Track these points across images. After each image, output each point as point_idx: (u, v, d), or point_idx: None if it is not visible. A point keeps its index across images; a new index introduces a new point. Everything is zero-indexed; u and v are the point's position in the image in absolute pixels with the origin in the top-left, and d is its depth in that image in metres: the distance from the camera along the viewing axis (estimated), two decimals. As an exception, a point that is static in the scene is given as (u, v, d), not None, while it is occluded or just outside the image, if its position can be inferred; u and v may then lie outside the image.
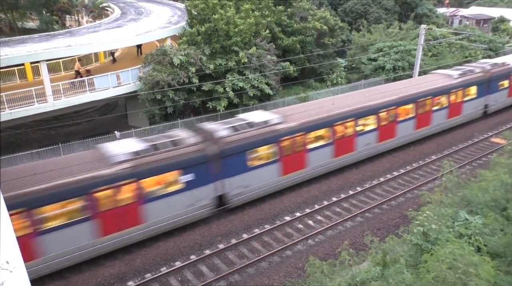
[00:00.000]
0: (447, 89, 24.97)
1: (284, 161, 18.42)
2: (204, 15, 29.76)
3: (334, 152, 20.34)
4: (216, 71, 28.01)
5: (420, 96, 23.67)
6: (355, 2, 51.21)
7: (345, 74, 37.94)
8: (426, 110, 24.22)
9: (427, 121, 24.66)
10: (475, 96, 26.83)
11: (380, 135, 22.19)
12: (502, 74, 28.51)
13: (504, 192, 11.94)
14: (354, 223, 17.16)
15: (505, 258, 9.06)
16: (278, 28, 35.10)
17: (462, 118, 26.77)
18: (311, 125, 19.03)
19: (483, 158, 22.64)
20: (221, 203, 17.21)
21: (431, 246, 9.34)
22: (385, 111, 22.12)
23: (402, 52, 36.26)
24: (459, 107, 26.16)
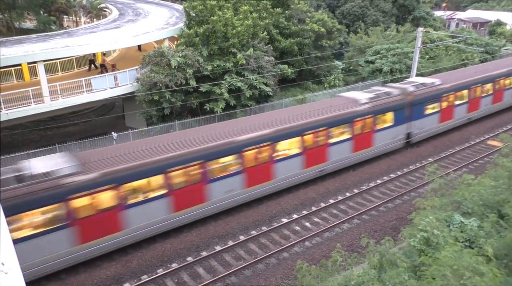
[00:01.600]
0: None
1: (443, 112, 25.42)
2: (202, 16, 29.78)
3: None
4: (214, 73, 28.01)
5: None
6: (352, 5, 51.36)
7: (342, 77, 38.01)
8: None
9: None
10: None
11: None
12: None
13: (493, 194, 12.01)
14: (351, 225, 17.19)
15: (501, 260, 9.10)
16: (276, 30, 35.14)
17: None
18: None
19: (480, 161, 22.73)
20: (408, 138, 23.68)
21: (433, 251, 9.36)
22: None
23: (399, 55, 36.37)
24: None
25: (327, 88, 35.29)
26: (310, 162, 19.69)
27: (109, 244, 14.80)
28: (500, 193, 12.35)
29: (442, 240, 9.58)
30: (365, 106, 21.43)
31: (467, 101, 27.38)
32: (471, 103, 27.67)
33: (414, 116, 24.02)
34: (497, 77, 29.36)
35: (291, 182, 19.41)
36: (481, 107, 28.73)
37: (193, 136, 16.88)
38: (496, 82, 29.09)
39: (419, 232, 9.80)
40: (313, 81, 36.68)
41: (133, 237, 15.35)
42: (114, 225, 14.76)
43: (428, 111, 24.88)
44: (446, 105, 25.92)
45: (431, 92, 24.70)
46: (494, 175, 13.96)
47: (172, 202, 15.90)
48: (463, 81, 26.80)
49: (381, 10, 51.49)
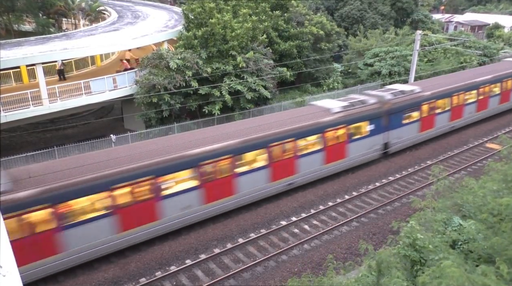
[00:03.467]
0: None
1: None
2: (201, 19, 29.84)
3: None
4: (213, 75, 28.04)
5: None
6: (351, 8, 51.51)
7: (341, 79, 38.10)
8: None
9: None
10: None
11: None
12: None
13: (493, 197, 12.02)
14: (349, 228, 17.17)
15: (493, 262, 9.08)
16: (275, 32, 35.23)
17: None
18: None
19: (478, 163, 22.76)
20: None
21: (420, 255, 9.40)
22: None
23: (398, 58, 36.48)
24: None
25: (326, 91, 35.37)
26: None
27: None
28: (501, 196, 12.37)
29: (429, 243, 9.61)
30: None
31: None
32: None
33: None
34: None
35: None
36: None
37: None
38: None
39: (402, 238, 9.85)
40: (312, 84, 36.75)
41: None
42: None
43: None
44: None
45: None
46: (496, 178, 13.97)
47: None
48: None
49: (379, 13, 51.65)
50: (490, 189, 12.88)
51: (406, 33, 44.17)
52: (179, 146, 16.13)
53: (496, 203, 11.32)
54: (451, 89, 26.04)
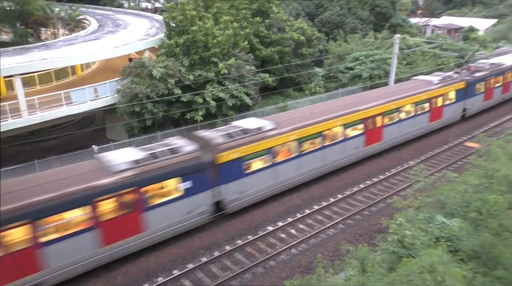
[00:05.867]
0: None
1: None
2: (182, 27, 29.84)
3: None
4: (196, 83, 28.01)
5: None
6: (331, 13, 52.30)
7: (323, 83, 38.51)
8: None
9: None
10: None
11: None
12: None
13: (474, 192, 12.31)
14: (336, 230, 17.29)
15: (481, 259, 9.30)
16: (256, 39, 35.47)
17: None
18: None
19: (459, 162, 23.26)
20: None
21: (407, 252, 9.54)
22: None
23: (378, 61, 37.13)
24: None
25: (308, 95, 35.68)
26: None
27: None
28: (480, 192, 12.67)
29: (416, 240, 9.77)
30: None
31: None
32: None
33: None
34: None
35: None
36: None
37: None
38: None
39: (391, 235, 9.99)
40: (294, 89, 37.05)
41: None
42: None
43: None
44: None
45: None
46: (476, 174, 14.30)
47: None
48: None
49: (359, 18, 52.57)
50: (471, 184, 13.20)
51: (385, 37, 45.06)
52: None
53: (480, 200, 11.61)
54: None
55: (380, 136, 23.74)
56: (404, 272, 8.13)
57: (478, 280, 8.06)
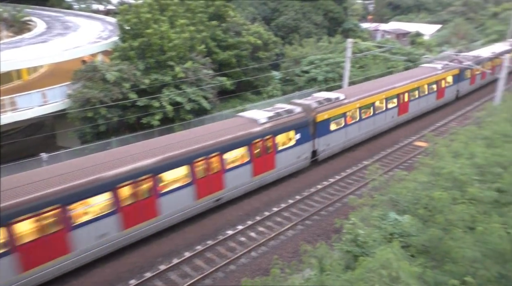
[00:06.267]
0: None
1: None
2: (136, 29, 29.16)
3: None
4: (152, 87, 27.45)
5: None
6: (287, 17, 53.23)
7: (280, 87, 39.08)
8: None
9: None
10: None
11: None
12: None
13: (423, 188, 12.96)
14: (295, 232, 17.54)
15: (430, 253, 9.80)
16: (213, 42, 35.39)
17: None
18: None
19: (409, 161, 24.41)
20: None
21: (361, 250, 9.86)
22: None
23: (332, 65, 38.23)
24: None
25: (266, 98, 36.05)
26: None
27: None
28: (428, 188, 13.38)
29: (368, 238, 10.13)
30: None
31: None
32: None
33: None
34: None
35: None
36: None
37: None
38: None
39: (345, 234, 10.32)
40: (252, 92, 37.31)
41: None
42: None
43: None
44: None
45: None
46: (424, 172, 15.07)
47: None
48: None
49: (313, 23, 53.91)
50: (419, 182, 13.90)
51: (338, 41, 46.50)
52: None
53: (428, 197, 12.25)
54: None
55: (407, 109, 30.15)
56: (362, 269, 8.41)
57: (428, 275, 8.47)
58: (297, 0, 54.87)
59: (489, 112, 23.71)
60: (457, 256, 8.55)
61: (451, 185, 12.56)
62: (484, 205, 11.20)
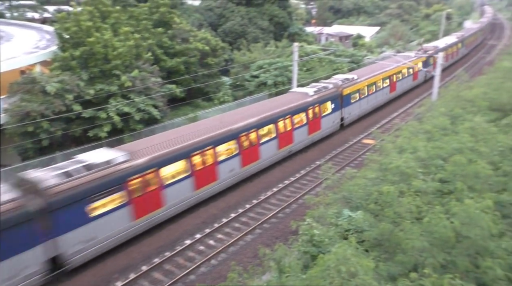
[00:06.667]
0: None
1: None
2: (77, 38, 27.90)
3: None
4: (97, 97, 26.39)
5: None
6: (233, 23, 53.52)
7: (231, 92, 39.16)
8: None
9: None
10: None
11: None
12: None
13: (372, 184, 13.53)
14: (253, 236, 17.60)
15: (382, 246, 10.24)
16: (160, 50, 34.77)
17: None
18: None
19: (359, 158, 25.41)
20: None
21: (318, 250, 10.10)
22: None
23: (280, 68, 38.94)
24: None
25: (217, 105, 35.95)
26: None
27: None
28: (377, 184, 13.98)
29: (323, 237, 10.41)
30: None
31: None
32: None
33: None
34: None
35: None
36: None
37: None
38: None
39: (301, 236, 10.54)
40: (203, 99, 37.06)
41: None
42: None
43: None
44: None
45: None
46: (372, 168, 15.73)
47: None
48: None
49: (259, 28, 54.63)
50: (369, 178, 14.49)
51: (285, 46, 47.48)
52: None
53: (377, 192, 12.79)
54: None
55: (395, 88, 37.65)
56: (320, 267, 8.59)
57: (381, 268, 8.84)
58: (242, 6, 55.39)
59: (428, 107, 25.29)
60: (406, 247, 8.99)
61: (398, 179, 13.20)
62: (428, 195, 11.90)
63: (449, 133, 16.88)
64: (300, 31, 59.85)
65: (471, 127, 16.37)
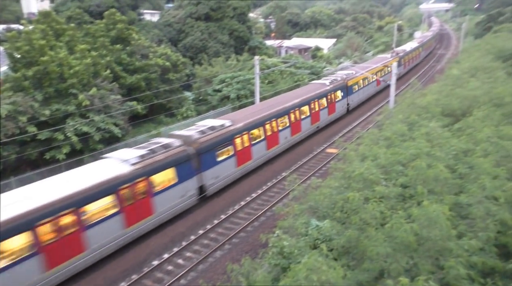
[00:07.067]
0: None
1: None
2: (30, 57, 26.84)
3: None
4: (53, 118, 25.37)
5: None
6: (193, 38, 53.53)
7: (194, 107, 38.91)
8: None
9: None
10: None
11: None
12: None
13: (337, 194, 13.77)
14: (223, 252, 17.35)
15: (350, 254, 10.38)
16: (119, 67, 34.08)
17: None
18: None
19: (323, 168, 25.85)
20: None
21: (288, 262, 10.09)
22: None
23: (242, 82, 39.22)
24: None
25: (180, 120, 35.57)
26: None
27: None
28: (342, 192, 14.22)
29: (293, 249, 10.42)
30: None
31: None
32: None
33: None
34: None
35: None
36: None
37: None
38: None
39: (271, 248, 10.52)
40: (166, 115, 36.55)
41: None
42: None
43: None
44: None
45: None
46: (336, 177, 16.00)
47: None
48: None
49: (220, 42, 54.96)
50: (333, 187, 14.72)
51: (246, 59, 47.98)
52: None
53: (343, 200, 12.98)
54: None
55: (379, 83, 45.41)
56: (291, 278, 8.56)
57: (348, 277, 8.93)
58: (202, 21, 55.60)
59: (387, 115, 26.24)
60: (371, 254, 9.14)
61: (362, 186, 13.50)
62: (391, 200, 12.23)
63: (407, 139, 17.53)
64: (260, 44, 60.74)
65: (427, 133, 17.09)
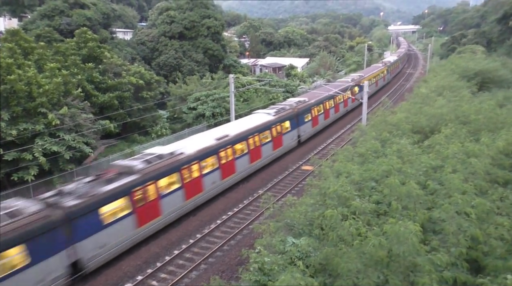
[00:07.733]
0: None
1: None
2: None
3: None
4: (21, 137, 24.53)
5: None
6: (167, 56, 53.50)
7: (168, 125, 38.57)
8: None
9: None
10: None
11: None
12: None
13: (313, 211, 13.83)
14: (199, 272, 16.99)
15: (326, 271, 10.38)
16: (91, 85, 33.52)
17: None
18: None
19: (299, 185, 25.98)
20: None
21: (268, 278, 9.98)
22: None
23: (218, 100, 39.31)
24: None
25: (155, 139, 35.13)
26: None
27: None
28: (318, 209, 14.29)
29: (273, 265, 10.35)
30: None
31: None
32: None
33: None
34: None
35: None
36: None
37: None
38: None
39: (252, 264, 10.41)
40: (140, 133, 36.05)
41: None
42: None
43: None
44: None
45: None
46: (312, 194, 16.08)
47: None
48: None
49: (194, 60, 55.17)
50: (309, 204, 14.78)
51: (221, 77, 48.31)
52: None
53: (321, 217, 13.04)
54: None
55: (378, 84, 56.67)
56: None
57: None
58: (176, 39, 55.75)
59: (360, 132, 26.82)
60: (343, 270, 9.19)
61: (337, 202, 13.63)
62: (367, 216, 12.39)
63: (380, 155, 17.92)
64: (235, 63, 61.38)
65: (398, 149, 17.54)
